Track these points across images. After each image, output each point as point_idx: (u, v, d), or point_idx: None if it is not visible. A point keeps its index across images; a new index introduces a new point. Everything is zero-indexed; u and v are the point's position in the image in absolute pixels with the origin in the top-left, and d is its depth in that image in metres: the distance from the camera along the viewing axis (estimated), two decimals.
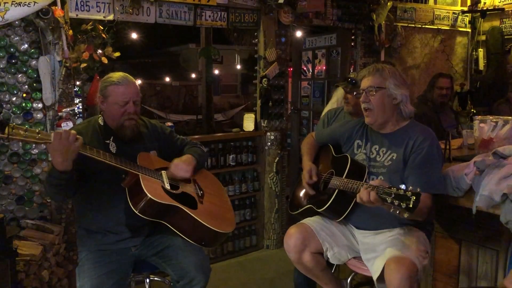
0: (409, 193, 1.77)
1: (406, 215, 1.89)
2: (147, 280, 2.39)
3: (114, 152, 2.19)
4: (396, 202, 1.78)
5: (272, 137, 4.13)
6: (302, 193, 2.58)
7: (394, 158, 2.22)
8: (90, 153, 1.98)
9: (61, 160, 1.89)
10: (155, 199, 2.02)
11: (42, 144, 1.87)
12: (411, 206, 1.74)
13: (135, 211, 2.03)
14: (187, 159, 2.34)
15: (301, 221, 2.41)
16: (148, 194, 2.01)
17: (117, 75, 2.23)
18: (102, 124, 2.27)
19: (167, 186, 2.18)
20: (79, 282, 2.11)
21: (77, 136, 1.92)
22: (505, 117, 2.65)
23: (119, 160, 2.08)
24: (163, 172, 2.25)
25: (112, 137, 2.24)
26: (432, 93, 4.03)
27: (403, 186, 1.83)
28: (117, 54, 3.27)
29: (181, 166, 2.28)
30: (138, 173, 2.09)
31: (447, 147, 2.70)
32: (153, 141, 2.39)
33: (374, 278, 2.07)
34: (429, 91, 4.10)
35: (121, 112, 2.19)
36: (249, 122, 4.13)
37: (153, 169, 2.21)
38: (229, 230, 2.33)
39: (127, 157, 2.15)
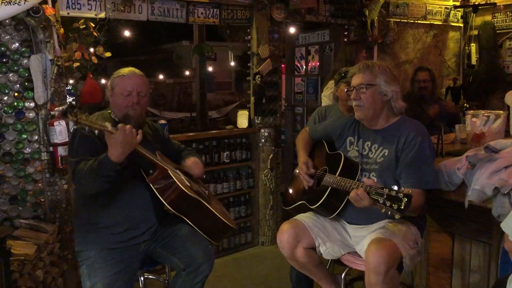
0: (401, 195, 1.79)
1: (397, 216, 1.91)
2: (141, 278, 2.40)
3: None
4: (388, 203, 1.82)
5: (266, 134, 4.14)
6: (295, 189, 2.59)
7: (386, 154, 2.23)
8: (141, 149, 2.10)
9: (120, 152, 1.95)
10: (187, 192, 2.15)
11: (100, 131, 1.94)
12: (402, 207, 1.78)
13: (165, 203, 2.15)
14: (200, 160, 2.54)
15: (293, 217, 2.42)
16: (181, 187, 2.14)
17: (125, 69, 2.33)
18: (116, 120, 2.30)
19: (188, 184, 2.27)
20: (89, 282, 2.11)
21: (138, 131, 2.03)
22: (497, 111, 2.67)
23: (159, 156, 2.25)
24: (179, 171, 2.35)
25: None
26: (413, 87, 4.16)
27: (395, 187, 1.84)
28: (108, 54, 3.26)
29: (199, 164, 2.48)
30: (168, 168, 2.19)
31: (440, 141, 2.72)
32: (156, 142, 2.44)
33: None
34: (411, 85, 4.23)
35: (126, 102, 2.25)
36: (243, 119, 4.13)
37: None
38: (235, 226, 2.48)
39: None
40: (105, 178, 2.01)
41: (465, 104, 5.09)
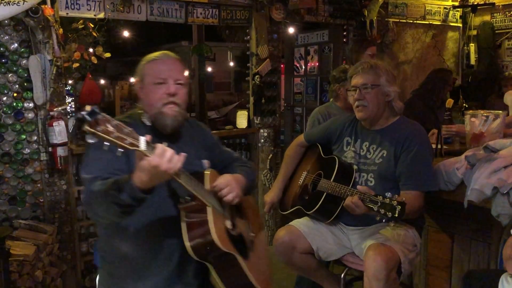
0: (394, 202, 1.80)
1: (392, 225, 1.91)
2: None
3: None
4: (382, 211, 1.83)
5: (265, 134, 4.13)
6: (291, 194, 2.58)
7: (384, 155, 2.22)
8: (183, 180, 1.52)
9: (147, 180, 1.42)
10: (219, 245, 1.59)
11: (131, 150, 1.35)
12: (396, 215, 1.79)
13: (186, 243, 1.58)
14: (239, 180, 1.82)
15: (289, 223, 2.41)
16: (214, 238, 1.58)
17: (157, 53, 1.83)
18: (149, 124, 1.79)
19: (229, 226, 1.76)
20: None
21: (180, 154, 1.45)
22: (496, 111, 2.67)
23: (210, 176, 1.68)
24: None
25: (166, 144, 1.69)
26: (444, 91, 3.97)
27: (389, 194, 1.85)
28: (108, 55, 3.26)
29: (234, 187, 1.75)
30: (207, 204, 1.64)
31: (439, 142, 2.72)
32: (202, 149, 1.93)
33: None
34: (440, 89, 4.00)
35: (159, 95, 1.72)
36: (242, 119, 4.13)
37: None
38: None
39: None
40: (123, 208, 1.49)
41: (464, 104, 5.10)
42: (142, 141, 1.36)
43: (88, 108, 1.21)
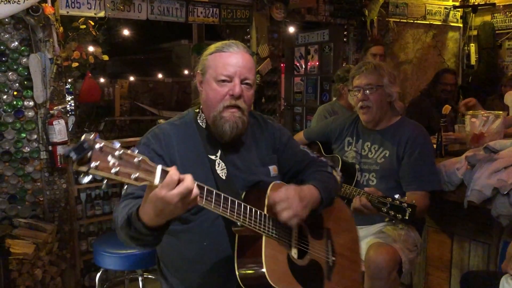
0: (405, 205, 1.79)
1: (400, 226, 1.90)
2: (140, 278, 2.39)
3: (224, 176, 1.49)
4: (391, 213, 1.82)
5: None
6: None
7: (387, 155, 2.23)
8: (207, 204, 1.24)
9: (152, 216, 1.17)
10: (270, 281, 1.32)
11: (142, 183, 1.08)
12: (407, 217, 1.78)
13: (236, 272, 1.35)
14: (303, 196, 1.45)
15: None
16: (266, 275, 1.32)
17: (224, 42, 1.54)
18: (203, 126, 1.55)
19: (294, 255, 1.46)
20: None
21: (195, 187, 1.15)
22: (496, 112, 2.66)
23: (250, 213, 1.35)
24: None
25: (220, 151, 1.52)
26: (436, 89, 3.91)
27: (397, 195, 1.84)
28: (106, 57, 3.25)
29: (292, 205, 1.39)
30: (263, 233, 1.38)
31: (439, 141, 2.72)
32: (270, 151, 1.65)
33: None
34: (432, 87, 3.98)
35: (221, 95, 1.46)
36: None
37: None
38: None
39: (241, 182, 1.50)
40: (138, 241, 1.28)
41: None
42: (158, 173, 1.08)
43: (83, 138, 0.95)
